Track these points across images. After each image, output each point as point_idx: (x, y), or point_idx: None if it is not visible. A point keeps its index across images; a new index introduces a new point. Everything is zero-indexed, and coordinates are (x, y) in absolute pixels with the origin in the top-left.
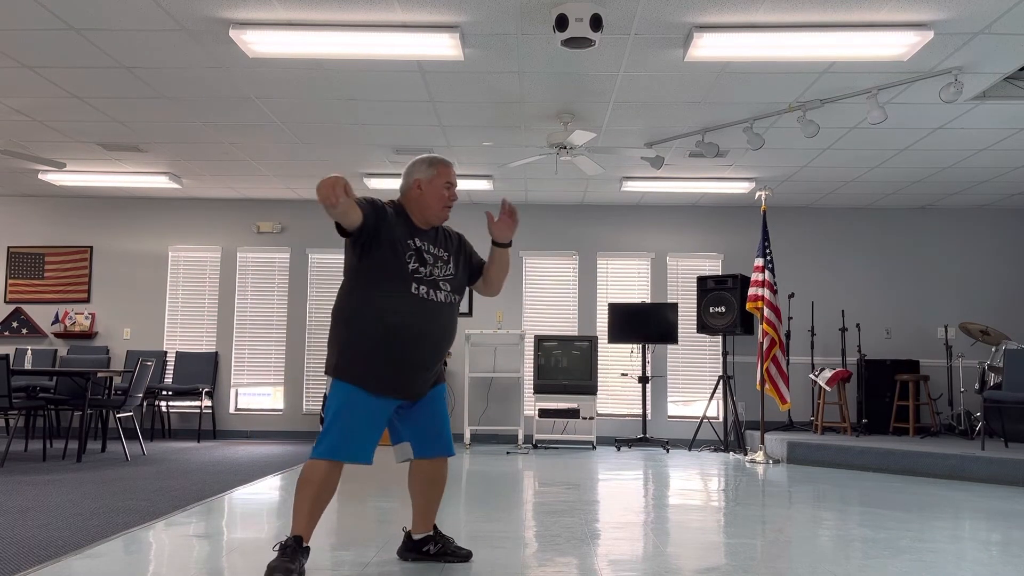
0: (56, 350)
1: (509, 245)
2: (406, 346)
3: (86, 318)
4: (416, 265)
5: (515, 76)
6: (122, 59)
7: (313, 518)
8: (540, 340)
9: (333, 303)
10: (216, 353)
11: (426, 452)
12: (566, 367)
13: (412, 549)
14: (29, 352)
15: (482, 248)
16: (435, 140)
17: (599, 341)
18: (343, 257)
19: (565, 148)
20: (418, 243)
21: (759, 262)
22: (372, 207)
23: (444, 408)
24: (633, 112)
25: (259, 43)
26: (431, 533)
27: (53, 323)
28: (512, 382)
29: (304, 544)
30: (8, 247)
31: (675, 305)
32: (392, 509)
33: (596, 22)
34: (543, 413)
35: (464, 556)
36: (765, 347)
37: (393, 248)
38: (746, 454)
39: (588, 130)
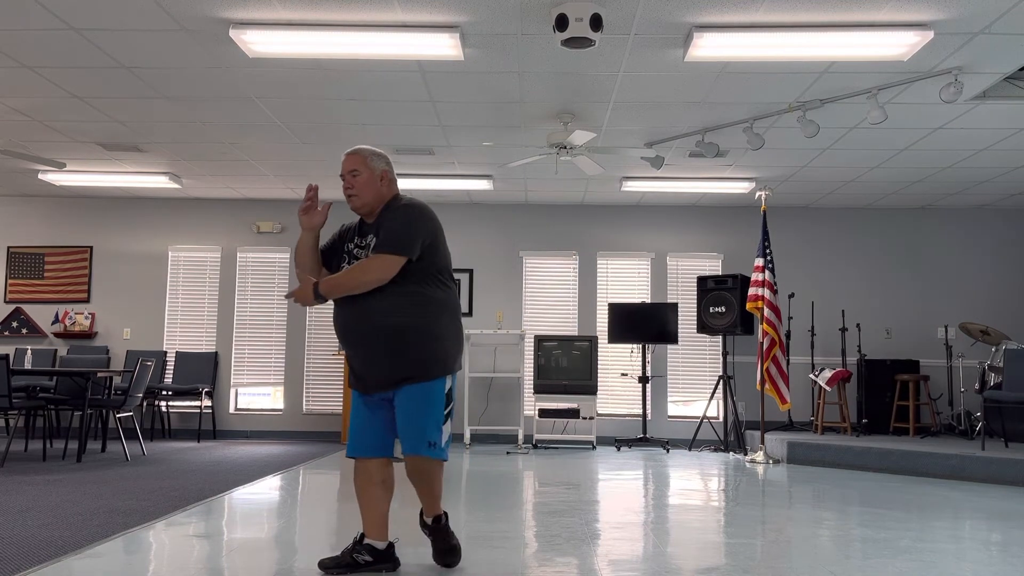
0: (56, 350)
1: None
2: (344, 343)
3: (86, 318)
4: (346, 265)
5: (515, 76)
6: (122, 59)
7: (364, 513)
8: (540, 340)
9: None
10: (216, 353)
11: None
12: (566, 367)
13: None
14: (29, 352)
15: (484, 247)
16: (435, 140)
17: (599, 341)
18: None
19: (565, 148)
20: (356, 241)
21: (759, 262)
22: (324, 249)
23: (408, 409)
24: (633, 112)
25: (259, 43)
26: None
27: (53, 323)
28: (512, 382)
29: (366, 541)
30: (8, 247)
31: (675, 305)
32: (392, 509)
33: (596, 22)
34: (543, 413)
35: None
36: (765, 347)
37: (338, 259)
38: (746, 454)
39: (588, 130)
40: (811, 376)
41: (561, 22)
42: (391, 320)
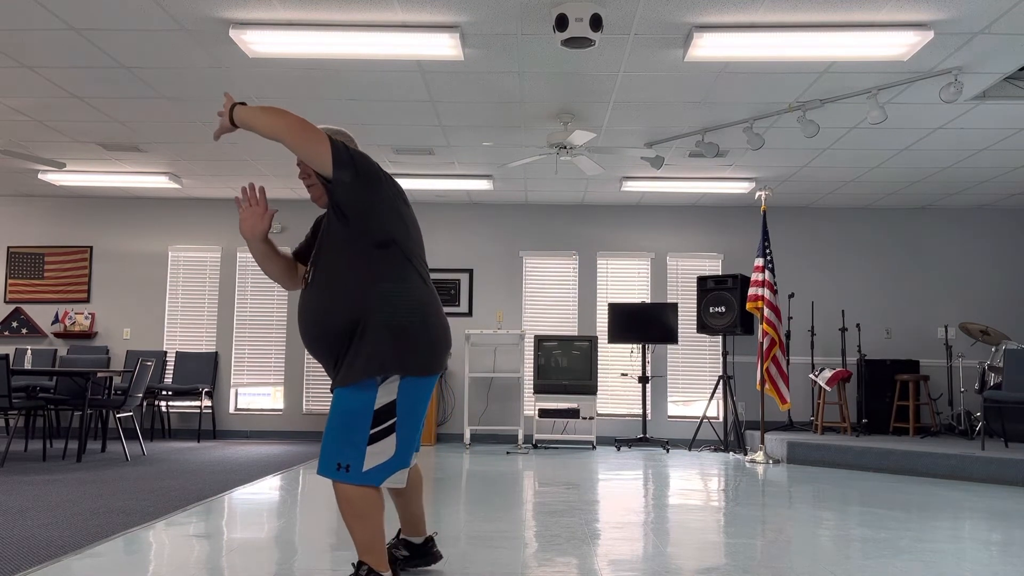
0: (56, 350)
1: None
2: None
3: (86, 318)
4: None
5: (515, 76)
6: (122, 59)
7: (397, 511)
8: (540, 340)
9: None
10: (216, 353)
11: None
12: (566, 367)
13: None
14: (29, 352)
15: (484, 247)
16: (435, 140)
17: (599, 341)
18: None
19: (565, 148)
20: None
21: (759, 262)
22: (301, 248)
23: (330, 413)
24: (633, 112)
25: (259, 43)
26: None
27: (53, 323)
28: (512, 382)
29: (402, 536)
30: (8, 247)
31: (675, 305)
32: (390, 508)
33: (596, 22)
34: (543, 413)
35: None
36: (765, 347)
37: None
38: (746, 454)
39: (588, 130)
40: (811, 376)
41: (561, 22)
42: (314, 311)
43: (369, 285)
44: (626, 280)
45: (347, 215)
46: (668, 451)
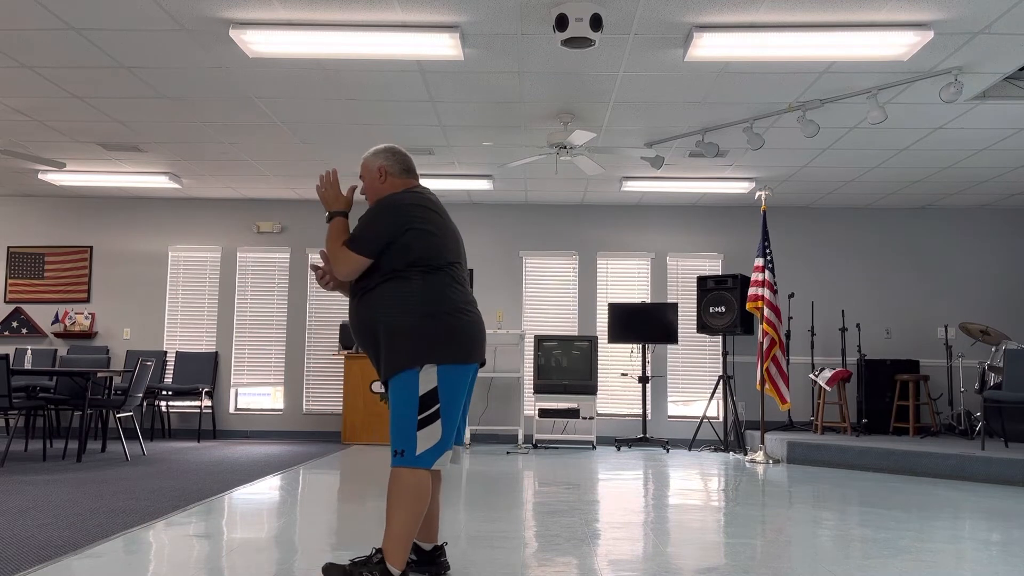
0: (56, 350)
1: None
2: None
3: (86, 318)
4: None
5: (515, 76)
6: (122, 59)
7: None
8: (540, 340)
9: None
10: (216, 353)
11: None
12: (566, 367)
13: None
14: (29, 352)
15: (484, 247)
16: (435, 140)
17: (599, 341)
18: None
19: (565, 148)
20: None
21: (759, 262)
22: None
23: (393, 403)
24: (633, 112)
25: (259, 43)
26: (371, 550)
27: (53, 323)
28: (512, 382)
29: (414, 540)
30: (8, 247)
31: (675, 305)
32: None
33: (596, 22)
34: (543, 413)
35: None
36: (765, 347)
37: None
38: (746, 454)
39: (588, 130)
40: (811, 376)
41: (561, 22)
42: (364, 317)
43: (389, 296)
44: (626, 280)
45: (382, 263)
46: (668, 451)
